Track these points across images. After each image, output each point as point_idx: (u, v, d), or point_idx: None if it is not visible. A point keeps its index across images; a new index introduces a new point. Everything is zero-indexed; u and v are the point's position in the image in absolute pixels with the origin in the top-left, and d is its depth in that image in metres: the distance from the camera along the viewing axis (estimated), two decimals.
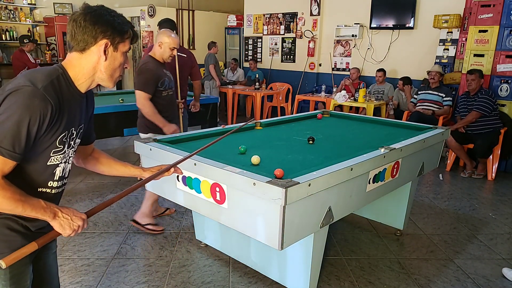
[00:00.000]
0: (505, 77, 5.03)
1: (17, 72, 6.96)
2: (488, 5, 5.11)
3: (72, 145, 1.39)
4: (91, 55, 1.32)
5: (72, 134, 1.37)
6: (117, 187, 4.27)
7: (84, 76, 1.35)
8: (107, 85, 1.42)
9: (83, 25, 1.29)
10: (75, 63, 1.34)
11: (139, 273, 2.69)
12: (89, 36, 1.29)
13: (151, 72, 3.02)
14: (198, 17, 9.87)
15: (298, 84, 8.13)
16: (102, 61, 1.34)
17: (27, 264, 1.39)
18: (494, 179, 4.88)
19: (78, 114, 1.38)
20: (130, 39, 1.39)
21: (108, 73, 1.37)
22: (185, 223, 3.45)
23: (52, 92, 1.24)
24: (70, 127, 1.34)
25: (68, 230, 1.31)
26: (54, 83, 1.26)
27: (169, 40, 3.07)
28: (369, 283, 2.64)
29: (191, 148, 2.45)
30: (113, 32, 1.32)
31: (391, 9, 6.68)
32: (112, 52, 1.34)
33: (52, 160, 1.33)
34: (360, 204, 2.51)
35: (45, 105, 1.21)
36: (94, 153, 1.68)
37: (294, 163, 2.28)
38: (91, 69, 1.35)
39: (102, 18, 1.31)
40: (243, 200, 1.98)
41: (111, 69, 1.37)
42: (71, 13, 9.56)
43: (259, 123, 3.29)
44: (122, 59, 1.39)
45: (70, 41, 1.32)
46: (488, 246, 3.20)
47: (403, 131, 3.23)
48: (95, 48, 1.31)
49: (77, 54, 1.33)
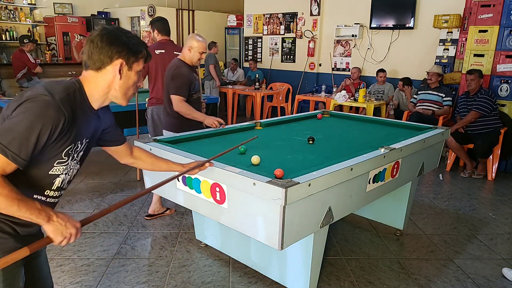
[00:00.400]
0: (505, 77, 5.03)
1: (17, 72, 6.97)
2: (488, 5, 5.11)
3: (75, 158, 1.41)
4: (106, 74, 1.37)
5: (77, 147, 1.39)
6: (117, 187, 4.27)
7: (99, 93, 1.39)
8: (120, 103, 1.47)
9: (99, 46, 1.33)
10: (91, 80, 1.38)
11: (139, 273, 2.69)
12: (105, 56, 1.34)
13: (185, 77, 3.17)
14: (198, 17, 9.88)
15: (298, 84, 8.14)
16: (117, 79, 1.38)
17: (20, 267, 1.41)
18: (494, 179, 4.88)
19: (86, 129, 1.41)
20: (144, 58, 1.44)
21: (122, 91, 1.42)
22: (185, 223, 3.45)
23: (68, 104, 1.28)
24: (77, 140, 1.37)
25: (59, 237, 1.27)
26: (70, 97, 1.30)
27: (198, 44, 3.19)
28: (369, 283, 2.64)
29: (191, 148, 2.46)
30: (128, 52, 1.37)
31: (391, 9, 6.68)
32: (126, 71, 1.39)
33: (55, 170, 1.36)
34: (360, 204, 2.51)
35: (58, 116, 1.24)
36: (135, 152, 1.79)
37: (294, 163, 2.28)
38: (105, 87, 1.39)
39: (118, 39, 1.36)
40: (243, 200, 1.97)
41: (125, 87, 1.42)
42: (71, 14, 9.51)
43: (259, 123, 3.29)
44: (136, 78, 1.44)
45: (87, 61, 1.37)
46: (488, 246, 3.20)
47: (403, 131, 3.22)
48: (110, 67, 1.36)
49: (93, 72, 1.38)
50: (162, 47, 3.84)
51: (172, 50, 3.87)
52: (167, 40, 3.92)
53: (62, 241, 1.28)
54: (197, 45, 3.18)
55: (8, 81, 7.65)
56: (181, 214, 3.62)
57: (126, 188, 4.24)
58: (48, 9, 9.10)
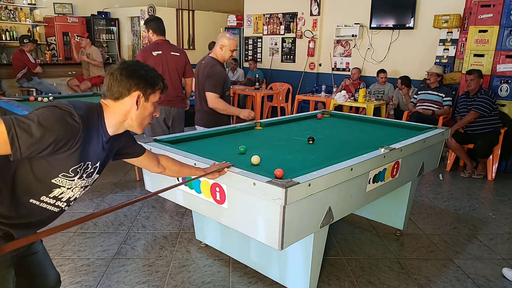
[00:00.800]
0: (505, 77, 5.03)
1: (17, 72, 6.97)
2: (488, 5, 5.11)
3: (84, 178, 1.44)
4: (124, 104, 1.44)
5: (88, 168, 1.43)
6: (117, 187, 4.27)
7: (115, 120, 1.45)
8: (135, 131, 1.54)
9: (119, 79, 1.41)
10: (110, 108, 1.44)
11: (139, 273, 2.69)
12: (123, 88, 1.41)
13: (220, 75, 3.34)
14: (198, 17, 9.88)
15: (298, 84, 8.13)
16: (133, 110, 1.45)
17: (8, 268, 1.42)
18: (494, 179, 4.88)
19: (97, 152, 1.44)
20: (161, 90, 1.51)
21: (138, 121, 1.49)
22: (185, 223, 3.45)
23: (86, 123, 1.32)
24: (87, 160, 1.40)
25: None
26: (89, 117, 1.36)
27: (229, 42, 3.32)
28: (369, 283, 2.64)
29: (191, 148, 2.46)
30: (146, 85, 1.44)
31: (391, 9, 6.68)
32: (143, 103, 1.46)
33: (58, 181, 1.37)
34: (360, 204, 2.51)
35: (73, 129, 1.27)
36: (162, 161, 1.87)
37: (294, 163, 2.28)
38: (122, 116, 1.45)
39: (136, 72, 1.43)
40: (243, 200, 1.98)
41: (141, 117, 1.49)
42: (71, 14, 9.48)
43: (259, 123, 3.29)
44: (152, 108, 1.51)
45: (106, 92, 1.44)
46: (488, 246, 3.20)
47: (403, 131, 3.22)
48: (128, 98, 1.43)
49: (111, 101, 1.44)
50: (158, 48, 3.84)
51: (169, 50, 3.87)
52: (163, 40, 3.92)
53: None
54: (228, 43, 3.32)
55: (8, 81, 7.65)
56: (181, 214, 3.62)
57: (126, 188, 4.24)
58: (48, 9, 9.10)
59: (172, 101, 3.85)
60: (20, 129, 1.16)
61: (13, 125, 1.15)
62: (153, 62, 3.79)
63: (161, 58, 3.80)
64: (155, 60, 3.78)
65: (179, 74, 3.94)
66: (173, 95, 3.85)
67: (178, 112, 3.96)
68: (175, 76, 3.90)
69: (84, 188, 1.50)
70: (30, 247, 1.57)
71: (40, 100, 4.79)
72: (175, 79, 3.89)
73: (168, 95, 3.81)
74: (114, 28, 9.90)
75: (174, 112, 3.92)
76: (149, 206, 3.78)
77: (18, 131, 1.16)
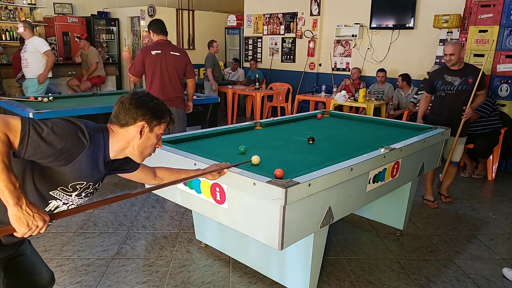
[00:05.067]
0: (505, 77, 5.03)
1: (17, 72, 6.96)
2: (488, 5, 5.11)
3: (82, 197, 1.49)
4: (128, 132, 1.47)
5: (88, 188, 1.47)
6: (117, 187, 4.27)
7: (118, 146, 1.48)
8: (136, 160, 1.57)
9: (127, 108, 1.45)
10: (115, 132, 1.48)
11: (139, 273, 2.69)
12: (130, 117, 1.45)
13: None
14: (198, 17, 9.87)
15: (298, 84, 8.13)
16: (136, 139, 1.48)
17: None
18: (494, 179, 4.88)
19: (97, 173, 1.47)
20: (167, 123, 1.55)
21: (139, 150, 1.52)
22: (185, 223, 3.45)
23: (93, 141, 1.36)
24: (86, 179, 1.43)
25: (24, 228, 1.17)
26: (97, 137, 1.40)
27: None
28: (369, 283, 2.63)
29: (191, 148, 2.46)
30: (152, 116, 1.48)
31: (391, 9, 6.68)
32: (147, 133, 1.49)
33: (55, 193, 1.40)
34: (360, 204, 2.51)
35: (80, 145, 1.31)
36: (159, 173, 1.88)
37: (294, 163, 2.28)
38: (125, 142, 1.49)
39: (145, 104, 1.48)
40: (243, 200, 1.98)
41: (143, 147, 1.52)
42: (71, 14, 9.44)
43: (259, 123, 3.29)
44: (155, 140, 1.54)
45: (113, 118, 1.48)
46: (488, 246, 3.20)
47: (403, 131, 3.23)
48: (133, 127, 1.46)
49: (117, 127, 1.47)
50: (158, 47, 3.84)
51: (169, 50, 3.87)
52: (164, 40, 3.92)
53: (26, 233, 1.19)
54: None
55: (8, 81, 7.65)
56: (181, 214, 3.62)
57: (126, 188, 4.24)
58: (48, 9, 9.10)
59: (171, 100, 3.83)
60: (33, 129, 1.21)
61: (28, 124, 1.21)
62: (151, 61, 3.78)
63: (160, 57, 3.80)
64: (153, 59, 3.78)
65: (179, 75, 3.93)
66: (172, 95, 3.85)
67: (178, 113, 3.95)
68: (174, 76, 3.89)
69: (78, 205, 1.53)
70: (18, 249, 1.59)
71: (40, 100, 4.78)
72: (174, 79, 3.88)
73: (167, 94, 3.81)
74: (114, 28, 9.90)
75: (173, 111, 3.91)
76: (149, 206, 3.78)
77: (31, 130, 1.20)
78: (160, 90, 3.79)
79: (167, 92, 3.82)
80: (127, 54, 3.89)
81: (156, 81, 3.80)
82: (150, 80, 3.82)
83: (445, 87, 3.76)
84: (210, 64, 7.38)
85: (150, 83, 3.82)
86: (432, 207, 3.95)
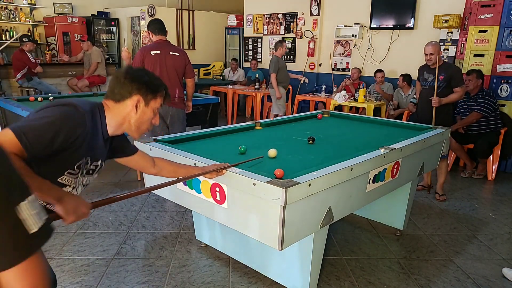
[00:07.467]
0: (505, 77, 5.03)
1: (17, 72, 6.96)
2: (488, 5, 5.11)
3: (84, 174, 1.49)
4: (124, 106, 1.47)
5: (88, 164, 1.47)
6: (117, 187, 4.27)
7: (115, 121, 1.49)
8: (132, 135, 1.57)
9: (122, 82, 1.46)
10: (110, 108, 1.48)
11: (139, 273, 2.69)
12: (125, 91, 1.45)
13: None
14: (198, 17, 9.87)
15: (298, 84, 8.13)
16: (132, 113, 1.48)
17: None
18: (494, 179, 4.88)
19: (98, 149, 1.49)
20: (163, 98, 1.54)
21: (136, 125, 1.51)
22: (185, 223, 3.45)
23: (90, 119, 1.37)
24: (88, 156, 1.44)
25: (71, 216, 1.29)
26: (93, 114, 1.41)
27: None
28: (369, 283, 2.63)
29: (191, 148, 2.46)
30: (147, 90, 1.47)
31: (391, 9, 6.67)
32: (143, 107, 1.49)
33: (63, 179, 1.41)
34: (360, 204, 2.51)
35: (79, 125, 1.33)
36: (158, 162, 1.88)
37: (294, 163, 2.28)
38: (121, 118, 1.49)
39: (140, 78, 1.47)
40: (243, 200, 1.98)
41: (139, 122, 1.51)
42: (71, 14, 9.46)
43: (259, 123, 3.29)
44: (152, 114, 1.53)
45: (109, 93, 1.50)
46: (488, 246, 3.20)
47: (403, 131, 3.23)
48: (128, 101, 1.46)
49: (113, 102, 1.48)
50: (157, 47, 3.83)
51: (168, 50, 3.86)
52: (163, 40, 3.92)
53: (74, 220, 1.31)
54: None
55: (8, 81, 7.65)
56: (181, 214, 3.62)
57: (126, 188, 4.24)
58: (48, 9, 9.10)
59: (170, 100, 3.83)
60: (26, 128, 1.23)
61: (18, 127, 1.23)
62: (151, 61, 3.78)
63: (159, 57, 3.80)
64: (153, 59, 3.78)
65: (178, 74, 3.92)
66: (171, 95, 3.84)
67: (177, 113, 3.95)
68: (174, 76, 3.88)
69: (84, 186, 1.54)
70: None
71: (40, 100, 4.79)
72: (173, 79, 3.88)
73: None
74: (114, 28, 9.90)
75: (173, 111, 3.90)
76: (149, 206, 3.78)
77: (24, 130, 1.22)
78: None
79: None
80: (126, 54, 3.90)
81: None
82: None
83: (423, 83, 4.19)
84: (274, 68, 6.07)
85: None
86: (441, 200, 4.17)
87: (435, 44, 3.99)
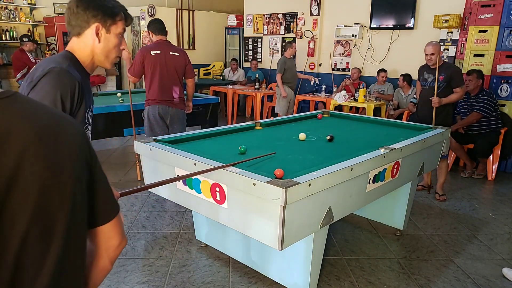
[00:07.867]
0: (505, 77, 5.03)
1: (17, 72, 6.96)
2: (488, 5, 5.11)
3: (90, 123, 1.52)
4: (86, 38, 1.42)
5: (90, 111, 1.49)
6: (117, 187, 4.25)
7: (86, 58, 1.45)
8: (104, 66, 1.51)
9: (75, 11, 1.38)
10: (76, 47, 1.44)
11: (139, 273, 2.69)
12: (82, 21, 1.39)
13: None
14: (198, 17, 9.87)
15: (298, 84, 8.12)
16: (96, 43, 1.43)
17: None
18: (494, 179, 4.88)
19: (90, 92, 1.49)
20: (124, 21, 1.46)
21: (104, 54, 1.46)
22: (185, 223, 3.45)
23: (75, 70, 1.37)
24: (89, 103, 1.46)
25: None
26: (72, 64, 1.39)
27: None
28: (369, 283, 2.63)
29: (191, 148, 2.46)
30: (104, 15, 1.40)
31: (391, 9, 6.67)
32: (105, 35, 1.43)
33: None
34: (360, 204, 2.51)
35: (73, 82, 1.33)
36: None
37: (294, 163, 2.28)
38: (89, 51, 1.45)
39: (93, 3, 1.40)
40: (243, 200, 1.98)
41: (106, 50, 1.46)
42: None
43: (259, 123, 3.29)
44: (117, 40, 1.46)
45: (67, 27, 1.43)
46: (488, 246, 3.20)
47: (403, 131, 3.23)
48: (88, 31, 1.41)
49: (75, 38, 1.44)
50: (157, 48, 3.83)
51: (168, 50, 3.86)
52: (163, 40, 3.91)
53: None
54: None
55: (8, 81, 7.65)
56: (181, 214, 3.62)
57: (126, 188, 4.23)
58: (48, 9, 9.10)
59: (170, 100, 3.83)
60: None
61: None
62: (151, 61, 3.78)
63: (159, 57, 3.79)
64: (153, 60, 3.77)
65: (178, 75, 3.92)
66: (171, 95, 3.84)
67: (177, 113, 3.94)
68: (174, 76, 3.88)
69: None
70: None
71: None
72: (174, 79, 3.88)
73: (166, 94, 3.81)
74: None
75: (173, 112, 3.90)
76: (149, 206, 3.78)
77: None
78: (159, 91, 3.79)
79: (166, 93, 3.82)
80: (126, 54, 3.89)
81: (156, 81, 3.80)
82: (150, 81, 3.81)
83: (423, 83, 4.18)
84: (280, 68, 6.20)
85: (150, 83, 3.82)
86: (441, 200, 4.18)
87: (435, 45, 3.99)
